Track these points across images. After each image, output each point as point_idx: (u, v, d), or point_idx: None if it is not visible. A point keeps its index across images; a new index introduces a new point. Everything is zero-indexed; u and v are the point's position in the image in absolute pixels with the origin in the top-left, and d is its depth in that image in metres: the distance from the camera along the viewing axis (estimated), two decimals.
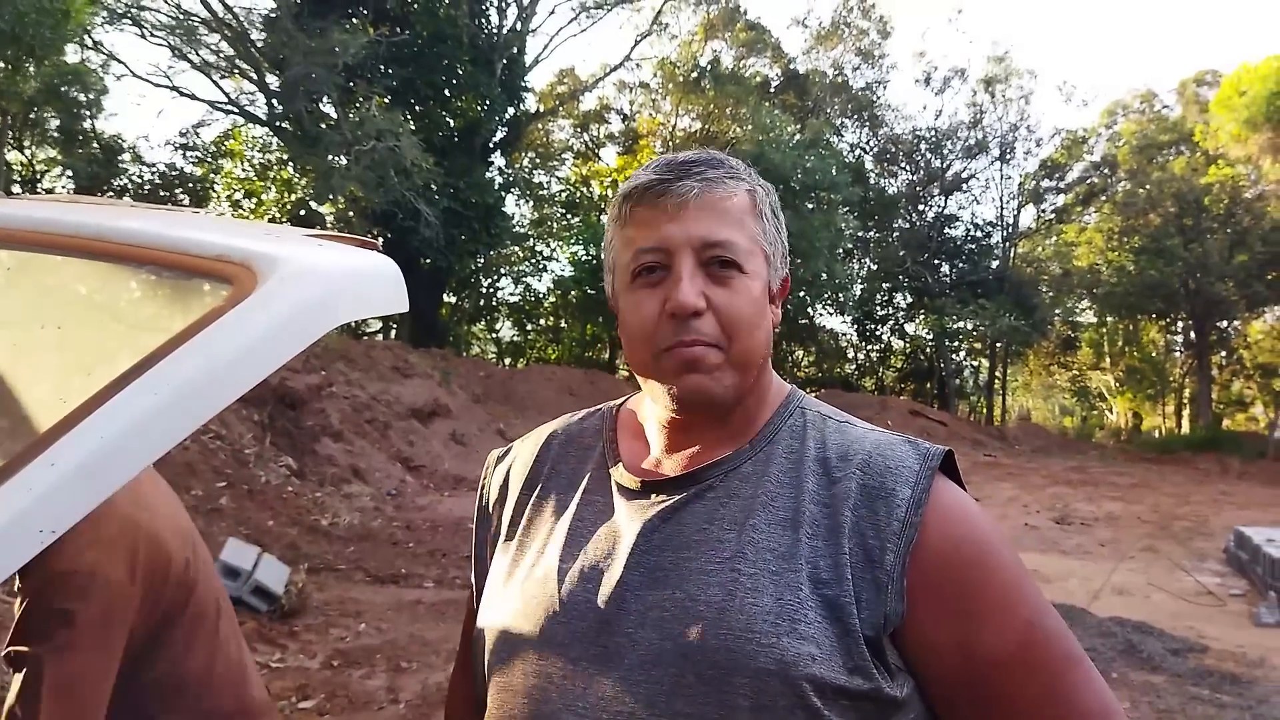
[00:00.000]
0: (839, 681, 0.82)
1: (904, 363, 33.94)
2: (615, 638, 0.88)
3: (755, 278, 0.95)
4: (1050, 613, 0.89)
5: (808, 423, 0.97)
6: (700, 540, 0.90)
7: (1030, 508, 12.99)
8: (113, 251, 0.91)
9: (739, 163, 1.01)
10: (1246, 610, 7.17)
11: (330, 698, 4.76)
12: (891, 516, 0.86)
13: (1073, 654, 0.88)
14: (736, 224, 0.95)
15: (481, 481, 1.13)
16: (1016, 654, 0.85)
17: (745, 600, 0.84)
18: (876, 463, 0.90)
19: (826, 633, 0.83)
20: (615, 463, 1.01)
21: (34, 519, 0.70)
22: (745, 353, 0.93)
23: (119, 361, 0.78)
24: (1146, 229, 27.61)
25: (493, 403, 17.85)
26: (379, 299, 0.87)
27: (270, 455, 10.38)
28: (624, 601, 0.89)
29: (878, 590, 0.84)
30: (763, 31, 29.49)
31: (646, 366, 0.95)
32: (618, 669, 0.86)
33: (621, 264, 0.97)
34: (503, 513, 1.07)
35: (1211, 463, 20.68)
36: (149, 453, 0.75)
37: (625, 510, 0.95)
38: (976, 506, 0.92)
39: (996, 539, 0.90)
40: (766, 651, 0.82)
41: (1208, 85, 29.15)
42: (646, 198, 0.95)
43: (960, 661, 0.85)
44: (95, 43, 18.61)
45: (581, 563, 0.94)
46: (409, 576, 7.49)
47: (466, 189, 19.83)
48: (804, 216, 21.11)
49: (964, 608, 0.86)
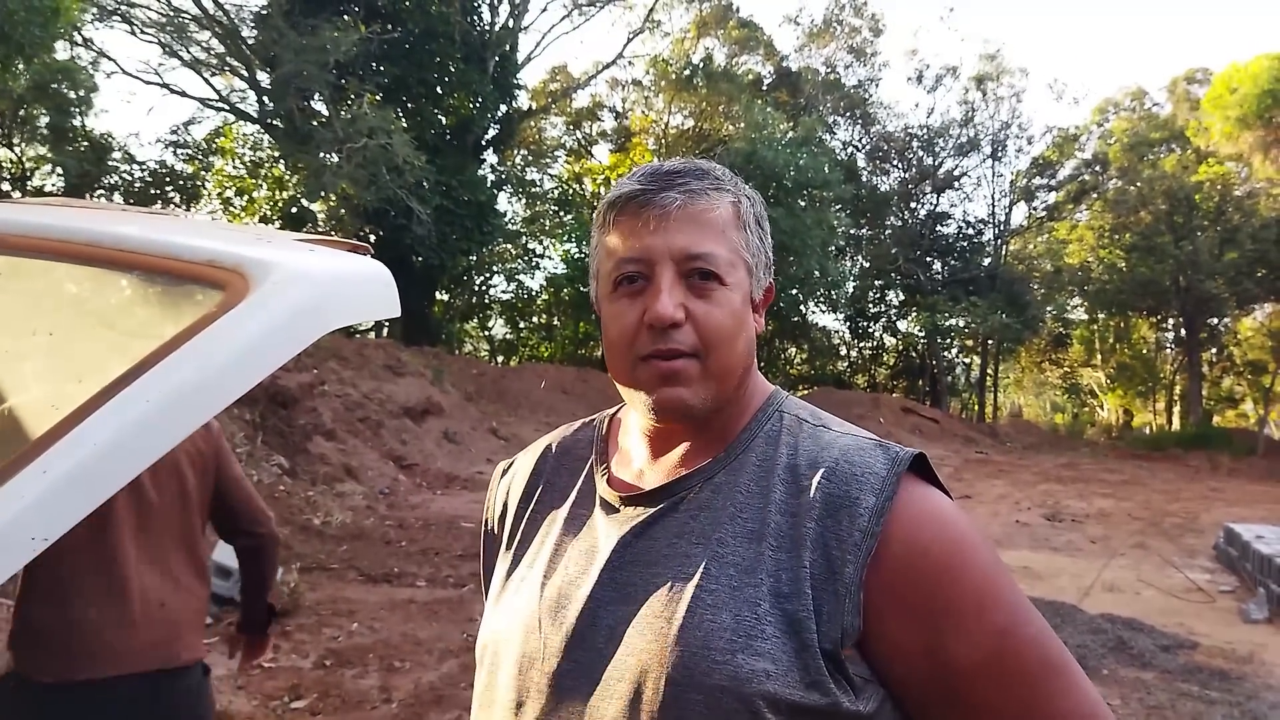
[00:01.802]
0: (794, 698, 0.81)
1: (896, 360, 34.03)
2: (587, 653, 0.89)
3: (736, 289, 0.95)
4: (1030, 619, 0.86)
5: (784, 428, 0.97)
6: (669, 555, 0.90)
7: (1021, 504, 13.03)
8: (105, 257, 0.91)
9: (725, 172, 1.01)
10: (1236, 606, 7.20)
11: (323, 697, 4.76)
12: (854, 527, 0.85)
13: (1053, 661, 0.85)
14: (718, 236, 0.95)
15: (487, 497, 1.16)
16: (989, 662, 0.83)
17: (704, 617, 0.84)
18: (843, 470, 0.89)
19: (784, 648, 0.82)
20: (601, 476, 1.03)
21: (26, 526, 0.70)
22: (723, 364, 0.94)
23: (111, 368, 0.77)
24: (1137, 226, 27.71)
25: (485, 401, 17.83)
26: (371, 304, 0.87)
27: (262, 454, 10.35)
28: (596, 617, 0.90)
29: (837, 603, 0.84)
30: (755, 29, 29.51)
31: (626, 375, 0.96)
32: (589, 684, 0.88)
33: (604, 272, 0.98)
34: (504, 527, 1.09)
35: (1202, 459, 20.76)
36: (142, 459, 0.75)
37: (604, 525, 0.97)
38: (950, 509, 0.90)
39: (969, 542, 0.88)
40: (721, 668, 0.82)
41: (1198, 83, 29.30)
42: (629, 207, 0.95)
43: (931, 670, 0.84)
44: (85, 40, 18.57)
45: (561, 578, 0.95)
46: (401, 575, 7.48)
47: (459, 186, 19.78)
48: (796, 214, 21.13)
49: (932, 614, 0.84)
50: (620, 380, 0.98)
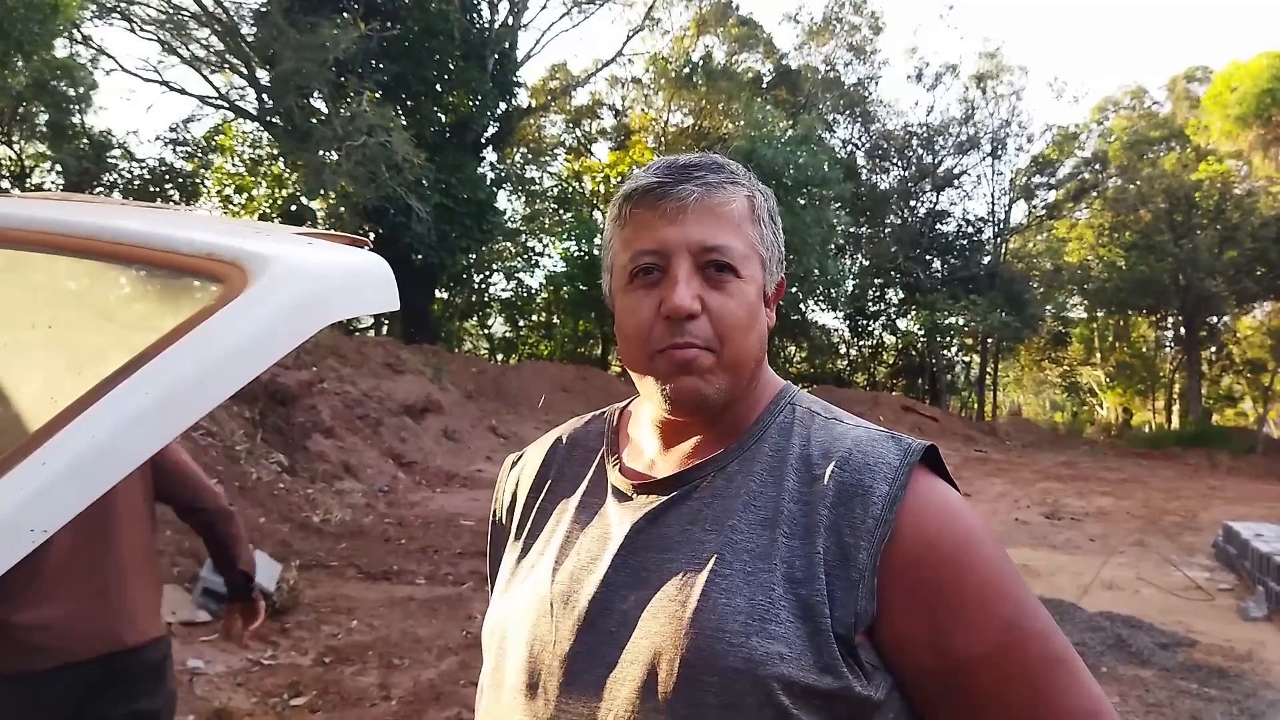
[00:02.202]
0: (808, 681, 0.82)
1: (896, 358, 34.00)
2: (599, 637, 0.89)
3: (751, 282, 0.96)
4: (1035, 613, 0.88)
5: (796, 420, 0.98)
6: (682, 541, 0.91)
7: (1020, 503, 13.05)
8: (103, 250, 0.91)
9: (739, 167, 1.02)
10: (1235, 605, 7.21)
11: (322, 694, 4.76)
12: (867, 514, 0.86)
13: (1056, 655, 0.87)
14: (734, 229, 0.96)
15: (496, 488, 1.17)
16: (993, 654, 0.85)
17: (718, 601, 0.85)
18: (856, 459, 0.90)
19: (798, 632, 0.83)
20: (613, 466, 1.03)
21: (25, 518, 0.70)
22: (738, 356, 0.95)
23: (110, 360, 0.77)
24: (1137, 225, 27.69)
25: (485, 399, 17.83)
26: (370, 297, 0.87)
27: (261, 452, 10.35)
28: (608, 601, 0.91)
29: (850, 588, 0.84)
30: (755, 27, 29.48)
31: (641, 367, 0.96)
32: (600, 666, 0.88)
33: (619, 265, 0.99)
34: (513, 517, 1.10)
35: (1201, 458, 20.76)
36: (140, 452, 0.75)
37: (617, 512, 0.97)
38: (959, 502, 0.91)
39: (977, 536, 0.89)
40: (735, 651, 0.82)
41: (1198, 81, 29.28)
42: (646, 200, 0.96)
43: (936, 660, 0.85)
44: (84, 37, 18.54)
45: (573, 564, 0.96)
46: (401, 573, 7.48)
47: (458, 184, 19.78)
48: (796, 212, 21.11)
49: (939, 605, 0.85)
50: (635, 371, 0.98)
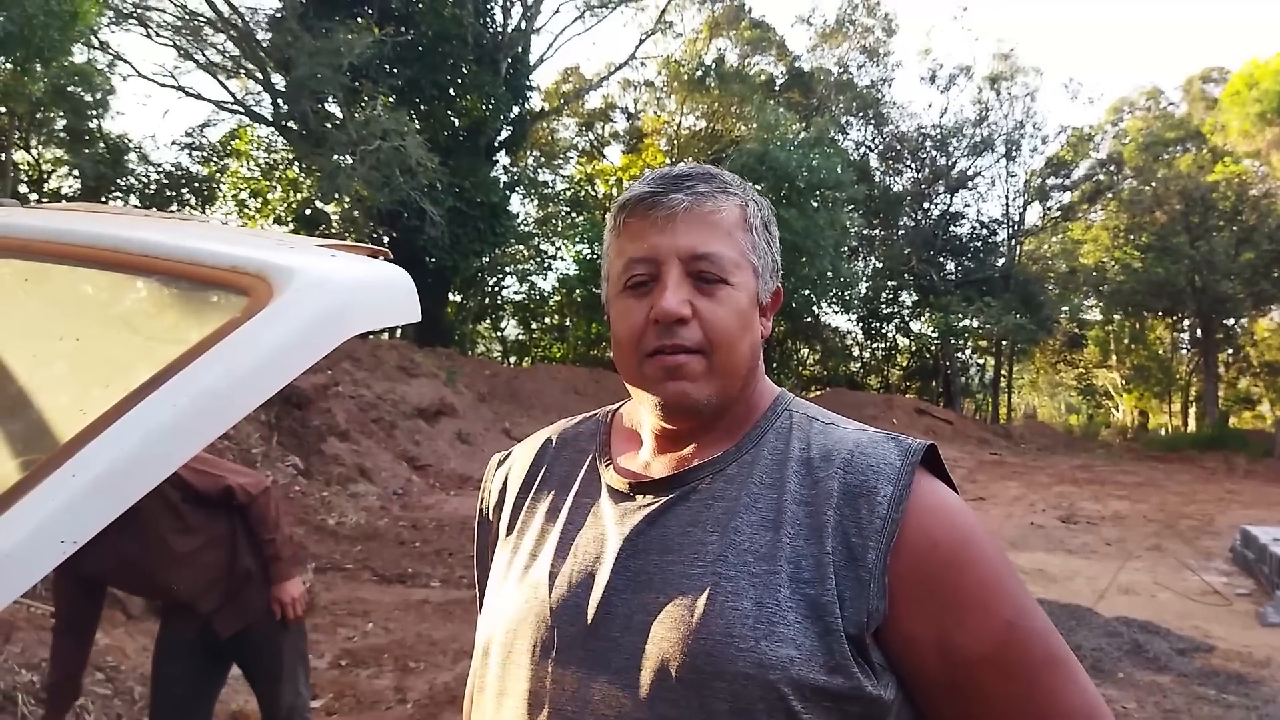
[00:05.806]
0: (819, 682, 0.82)
1: (909, 361, 33.85)
2: (602, 642, 0.89)
3: (742, 290, 0.97)
4: (1034, 613, 0.89)
5: (794, 424, 0.99)
6: (684, 544, 0.91)
7: (1036, 506, 12.96)
8: (130, 263, 0.92)
9: (733, 177, 1.03)
10: (1253, 610, 7.15)
11: (338, 697, 4.78)
12: (874, 514, 0.87)
13: (1055, 655, 0.88)
14: (724, 237, 0.97)
15: (482, 486, 1.16)
16: (994, 653, 0.86)
17: (725, 604, 0.85)
18: (859, 461, 0.91)
19: (807, 633, 0.84)
20: (606, 465, 1.03)
21: (55, 529, 0.71)
22: (728, 362, 0.95)
23: (137, 373, 0.78)
24: (1153, 226, 27.51)
25: (498, 402, 17.86)
26: (392, 309, 0.88)
27: (277, 455, 10.41)
28: (610, 606, 0.90)
29: (860, 588, 0.85)
30: (767, 29, 29.44)
31: (633, 373, 0.98)
32: (605, 673, 0.88)
33: (614, 273, 1.00)
34: (501, 516, 1.10)
35: (1218, 461, 20.59)
36: (168, 463, 0.76)
37: (613, 513, 0.97)
38: (959, 503, 0.92)
39: (977, 537, 0.90)
40: (745, 655, 0.83)
41: (1214, 82, 29.04)
42: (639, 210, 0.98)
43: (939, 659, 0.86)
44: (102, 43, 18.64)
45: (571, 567, 0.95)
46: (415, 576, 7.51)
47: (471, 188, 19.82)
48: (809, 215, 21.05)
49: (941, 605, 0.86)
50: (628, 379, 0.99)
